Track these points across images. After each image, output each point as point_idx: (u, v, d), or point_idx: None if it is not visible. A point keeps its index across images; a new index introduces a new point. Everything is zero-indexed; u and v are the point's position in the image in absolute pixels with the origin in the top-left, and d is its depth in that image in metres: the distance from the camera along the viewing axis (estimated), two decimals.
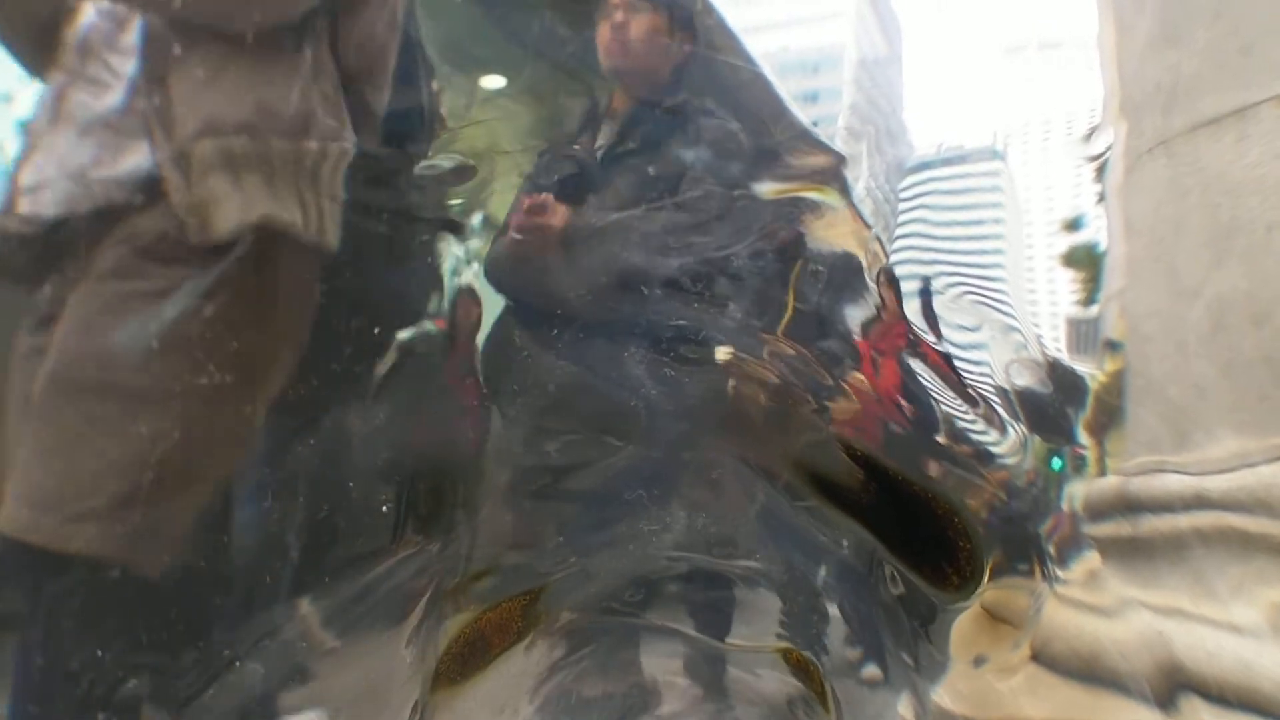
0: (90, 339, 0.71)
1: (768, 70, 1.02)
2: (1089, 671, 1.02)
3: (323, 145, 0.75)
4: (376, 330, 0.84)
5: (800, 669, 1.06)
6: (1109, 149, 1.21)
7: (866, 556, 1.02)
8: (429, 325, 0.92)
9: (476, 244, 0.94)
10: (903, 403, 1.04)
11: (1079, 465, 1.16)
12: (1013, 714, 1.04)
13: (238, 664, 0.75)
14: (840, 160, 1.04)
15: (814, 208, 1.01)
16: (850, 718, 1.04)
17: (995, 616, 1.03)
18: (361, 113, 0.79)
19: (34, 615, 0.71)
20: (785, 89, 1.04)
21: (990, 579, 0.97)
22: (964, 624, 1.00)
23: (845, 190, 1.02)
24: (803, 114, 1.05)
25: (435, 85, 0.91)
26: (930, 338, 1.04)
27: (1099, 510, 1.14)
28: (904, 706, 1.05)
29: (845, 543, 1.04)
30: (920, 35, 1.22)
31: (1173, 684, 0.97)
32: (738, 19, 1.00)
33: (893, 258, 1.07)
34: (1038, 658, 1.05)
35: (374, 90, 0.82)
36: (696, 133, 0.96)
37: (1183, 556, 1.05)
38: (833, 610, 1.09)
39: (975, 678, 1.04)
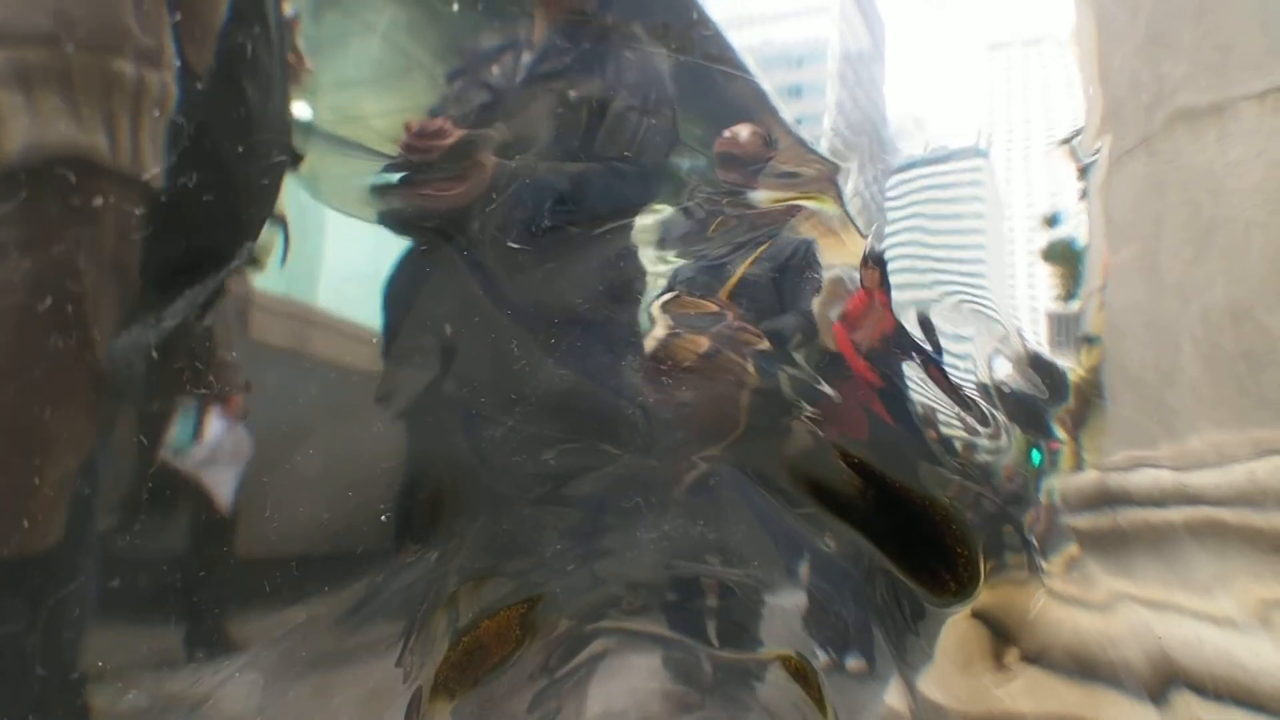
0: None
1: (752, 65, 1.01)
2: (1079, 666, 1.04)
3: (139, 69, 0.65)
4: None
5: (798, 675, 1.07)
6: (1092, 146, 1.22)
7: (864, 562, 1.03)
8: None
9: None
10: (884, 394, 1.05)
11: (1055, 459, 1.18)
12: (1004, 709, 1.06)
13: (237, 674, 0.75)
14: (834, 168, 1.04)
15: (809, 215, 1.01)
16: None
17: (986, 613, 1.05)
18: (189, 31, 0.68)
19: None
20: (769, 83, 1.04)
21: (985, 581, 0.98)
22: (956, 620, 1.02)
23: (840, 197, 1.03)
24: (786, 109, 1.05)
25: (289, 8, 0.78)
26: (916, 332, 1.05)
27: (1078, 505, 1.16)
28: (898, 703, 1.07)
29: (842, 549, 1.05)
30: (903, 31, 1.23)
31: (1164, 678, 0.99)
32: (721, 13, 0.99)
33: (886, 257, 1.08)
34: (1028, 653, 1.07)
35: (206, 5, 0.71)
36: (617, 68, 0.93)
37: (1165, 550, 1.07)
38: (830, 617, 1.10)
39: (966, 673, 1.05)
